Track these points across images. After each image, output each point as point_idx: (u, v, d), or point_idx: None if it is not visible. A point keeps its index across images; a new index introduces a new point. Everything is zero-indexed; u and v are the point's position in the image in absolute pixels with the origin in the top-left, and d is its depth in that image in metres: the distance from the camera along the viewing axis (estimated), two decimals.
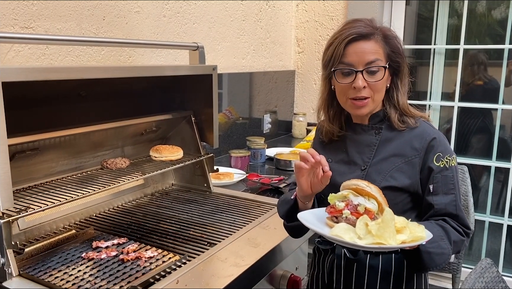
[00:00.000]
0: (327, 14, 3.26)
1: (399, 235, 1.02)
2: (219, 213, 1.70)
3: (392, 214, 1.04)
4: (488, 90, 3.08)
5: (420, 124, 1.26)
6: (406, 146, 1.23)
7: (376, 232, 1.01)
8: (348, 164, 1.29)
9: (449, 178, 1.21)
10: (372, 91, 1.21)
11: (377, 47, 1.20)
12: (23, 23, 1.57)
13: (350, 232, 1.05)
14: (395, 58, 1.23)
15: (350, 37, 1.19)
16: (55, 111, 1.48)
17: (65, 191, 1.41)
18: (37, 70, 1.21)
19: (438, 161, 1.21)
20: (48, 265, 1.25)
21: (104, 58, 1.89)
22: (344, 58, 1.20)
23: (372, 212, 1.08)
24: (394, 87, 1.27)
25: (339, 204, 1.11)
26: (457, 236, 1.19)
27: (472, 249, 3.24)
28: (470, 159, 3.09)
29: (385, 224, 1.01)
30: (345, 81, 1.22)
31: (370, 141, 1.27)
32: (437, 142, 1.22)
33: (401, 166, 1.22)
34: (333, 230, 1.06)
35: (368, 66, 1.19)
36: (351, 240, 1.03)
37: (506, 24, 2.90)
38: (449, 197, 1.21)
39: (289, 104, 3.45)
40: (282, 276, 1.53)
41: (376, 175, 1.23)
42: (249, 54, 2.92)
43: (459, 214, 1.21)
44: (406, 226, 1.04)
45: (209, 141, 1.92)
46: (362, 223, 1.04)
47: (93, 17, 1.82)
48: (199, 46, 1.83)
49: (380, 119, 1.28)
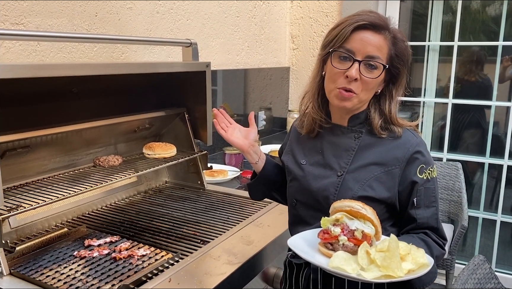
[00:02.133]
0: (322, 10, 3.26)
1: (404, 263, 0.95)
2: (213, 211, 1.69)
3: (397, 241, 0.96)
4: (482, 87, 3.09)
5: (404, 132, 1.18)
6: (387, 155, 1.16)
7: (381, 262, 0.93)
8: (324, 167, 1.21)
9: (430, 190, 1.17)
10: (362, 87, 1.12)
11: (383, 44, 1.12)
12: (13, 19, 1.56)
13: (351, 262, 0.96)
14: (397, 63, 1.15)
15: (361, 23, 1.11)
16: (47, 109, 1.47)
17: (57, 189, 1.40)
18: (28, 67, 1.20)
19: (422, 173, 1.15)
20: (39, 264, 1.24)
21: (97, 55, 1.87)
22: (346, 42, 1.12)
23: (370, 237, 1.00)
24: (387, 95, 1.19)
25: (334, 229, 1.02)
26: (439, 250, 1.16)
27: (466, 245, 3.26)
28: (463, 156, 3.10)
29: (391, 253, 0.93)
30: (340, 66, 1.12)
31: (349, 146, 1.19)
32: (421, 154, 1.16)
33: (380, 175, 1.15)
34: (332, 261, 0.97)
35: (368, 59, 1.11)
36: (354, 272, 0.94)
37: (500, 21, 2.90)
38: (431, 210, 1.17)
39: (284, 101, 3.44)
40: (275, 274, 1.52)
41: (353, 183, 1.16)
42: (243, 50, 2.91)
43: (439, 226, 1.18)
44: (409, 253, 0.98)
45: (202, 139, 1.91)
46: (364, 251, 0.96)
47: (85, 13, 1.80)
48: (192, 43, 1.82)
49: (361, 122, 1.20)
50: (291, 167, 1.28)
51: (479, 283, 1.55)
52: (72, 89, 1.52)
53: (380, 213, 1.15)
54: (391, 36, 1.14)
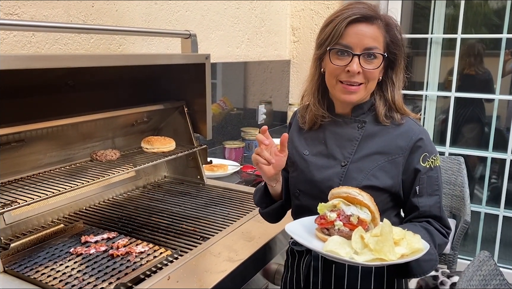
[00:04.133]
0: (323, 2, 3.21)
1: (397, 248, 0.97)
2: (213, 206, 1.66)
3: (391, 225, 0.98)
4: (482, 80, 3.06)
5: (406, 121, 1.19)
6: (391, 144, 1.17)
7: (374, 246, 0.95)
8: (327, 158, 1.21)
9: (433, 179, 1.17)
10: (366, 78, 1.14)
11: (378, 34, 1.13)
12: (7, 9, 1.51)
13: (346, 246, 0.98)
14: (393, 49, 1.16)
15: (353, 17, 1.11)
16: (42, 101, 1.43)
17: (53, 183, 1.37)
18: (23, 58, 1.16)
19: (424, 161, 1.15)
20: (34, 261, 1.21)
21: (93, 47, 1.83)
22: (342, 38, 1.12)
23: (366, 222, 1.02)
24: (388, 81, 1.19)
25: (330, 214, 1.04)
26: (441, 239, 1.16)
27: (467, 240, 3.24)
28: (466, 150, 3.07)
29: (383, 237, 0.95)
30: (339, 63, 1.13)
31: (352, 136, 1.20)
32: (424, 142, 1.16)
33: (384, 164, 1.16)
34: (326, 245, 0.99)
35: (367, 51, 1.11)
36: (347, 255, 0.96)
37: (504, 13, 2.86)
38: (434, 198, 1.16)
39: (284, 95, 3.40)
40: (276, 270, 1.49)
41: (357, 173, 1.16)
42: (243, 43, 2.87)
43: (442, 215, 1.17)
44: (404, 237, 0.99)
45: (202, 133, 1.87)
46: (358, 235, 0.98)
47: (82, 4, 1.76)
48: (191, 34, 1.78)
49: (364, 112, 1.21)
50: (293, 157, 1.27)
51: (484, 280, 1.53)
52: (68, 82, 1.48)
53: (384, 202, 1.18)
54: (383, 24, 1.15)
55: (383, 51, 1.14)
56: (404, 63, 1.21)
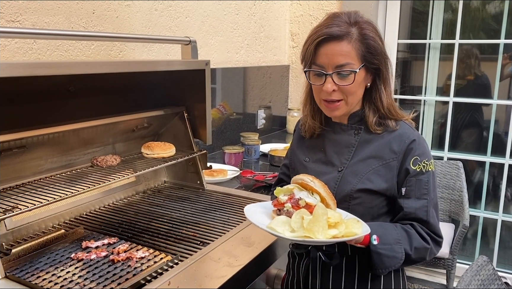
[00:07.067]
0: (322, 8, 3.23)
1: (331, 230, 1.03)
2: (213, 211, 1.67)
3: (325, 208, 1.05)
4: (479, 85, 3.08)
5: (400, 126, 1.21)
6: (385, 148, 1.19)
7: (306, 225, 1.03)
8: (326, 164, 1.26)
9: (423, 183, 1.17)
10: (344, 94, 1.16)
11: (349, 49, 1.13)
12: (9, 17, 1.53)
13: (286, 225, 1.07)
14: (371, 59, 1.15)
15: (320, 38, 1.13)
16: (43, 108, 1.44)
17: (54, 189, 1.37)
18: (24, 65, 1.17)
19: (415, 164, 1.17)
20: (35, 267, 1.21)
21: (94, 53, 1.85)
22: (316, 59, 1.16)
23: (313, 206, 1.09)
24: (376, 89, 1.21)
25: (282, 197, 1.13)
26: (420, 243, 1.15)
27: (466, 244, 3.25)
28: (464, 154, 3.09)
29: (315, 218, 1.03)
30: (317, 82, 1.18)
31: (349, 142, 1.24)
32: (416, 145, 1.18)
33: (378, 168, 1.18)
34: (271, 223, 1.09)
35: (338, 69, 1.14)
36: (283, 232, 1.05)
37: (501, 18, 2.88)
38: (421, 202, 1.17)
39: (284, 100, 3.42)
40: (276, 275, 1.50)
41: (352, 177, 1.19)
42: (242, 48, 2.88)
43: (430, 220, 1.17)
44: (341, 222, 1.05)
45: (202, 138, 1.88)
46: (299, 216, 1.06)
47: (83, 11, 1.77)
48: (191, 41, 1.79)
49: (360, 119, 1.24)
50: (294, 164, 1.35)
51: (483, 285, 1.53)
52: (69, 88, 1.49)
53: (379, 207, 1.21)
54: (356, 36, 1.14)
55: (359, 64, 1.14)
56: (390, 68, 1.21)
